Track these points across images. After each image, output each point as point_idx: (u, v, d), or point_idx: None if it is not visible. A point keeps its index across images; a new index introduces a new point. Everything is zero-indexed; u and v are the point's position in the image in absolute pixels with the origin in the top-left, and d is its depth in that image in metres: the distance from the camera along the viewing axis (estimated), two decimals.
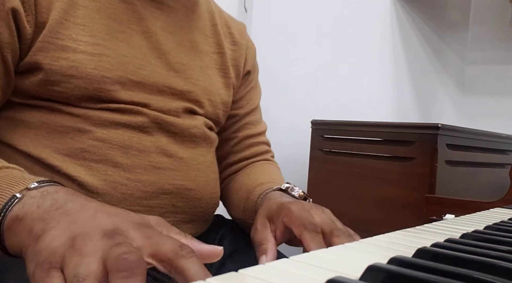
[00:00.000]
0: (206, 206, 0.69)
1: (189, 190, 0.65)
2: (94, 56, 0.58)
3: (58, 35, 0.56)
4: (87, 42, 0.58)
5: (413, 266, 0.30)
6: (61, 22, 0.57)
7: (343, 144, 1.42)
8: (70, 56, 0.56)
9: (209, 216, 0.72)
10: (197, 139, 0.68)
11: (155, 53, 0.64)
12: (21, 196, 0.41)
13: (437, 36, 2.00)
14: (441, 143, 1.21)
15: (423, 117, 1.94)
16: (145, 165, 0.60)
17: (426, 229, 0.52)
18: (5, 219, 0.40)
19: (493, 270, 0.30)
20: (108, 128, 0.59)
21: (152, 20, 0.64)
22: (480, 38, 2.01)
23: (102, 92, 0.58)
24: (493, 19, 1.96)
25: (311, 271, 0.31)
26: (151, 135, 0.62)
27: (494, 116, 1.91)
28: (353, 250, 0.38)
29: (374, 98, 1.71)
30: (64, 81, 0.56)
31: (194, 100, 0.68)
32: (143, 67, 0.62)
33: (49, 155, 0.57)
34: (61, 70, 0.56)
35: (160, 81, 0.63)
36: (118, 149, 0.59)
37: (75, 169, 0.57)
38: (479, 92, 2.02)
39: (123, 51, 0.60)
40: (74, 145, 0.58)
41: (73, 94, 0.57)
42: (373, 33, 1.72)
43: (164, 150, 0.63)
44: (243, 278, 0.29)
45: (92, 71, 0.57)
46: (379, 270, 0.29)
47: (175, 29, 0.68)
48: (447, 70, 2.05)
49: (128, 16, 0.62)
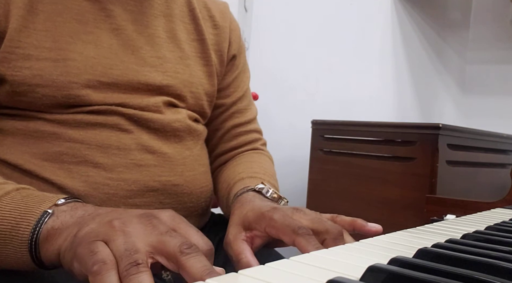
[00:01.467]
0: (197, 200, 0.67)
1: (176, 186, 0.63)
2: (59, 62, 0.55)
3: (19, 43, 0.54)
4: (50, 48, 0.55)
5: (414, 267, 0.30)
6: (21, 30, 0.54)
7: (343, 144, 1.42)
8: (33, 65, 0.54)
9: (202, 210, 0.71)
10: (180, 133, 0.65)
11: (127, 50, 0.61)
12: (52, 212, 0.42)
13: (438, 36, 2.00)
14: (442, 143, 1.21)
15: (424, 117, 1.94)
16: (126, 164, 0.59)
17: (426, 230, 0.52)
18: (40, 232, 0.41)
19: (494, 270, 0.30)
20: (84, 129, 0.57)
21: (122, 15, 0.61)
22: (481, 38, 2.01)
23: (71, 98, 0.56)
24: (494, 19, 1.96)
25: (311, 271, 0.31)
26: (130, 132, 0.60)
27: (495, 116, 1.91)
28: (353, 250, 0.38)
29: (375, 98, 1.71)
30: (30, 91, 0.54)
31: (174, 94, 0.65)
32: (114, 67, 0.59)
33: (26, 161, 0.56)
34: (25, 80, 0.54)
35: (135, 79, 0.61)
36: (97, 149, 0.57)
37: (54, 173, 0.56)
38: (480, 92, 2.02)
39: (90, 53, 0.58)
40: (51, 149, 0.56)
41: (42, 103, 0.56)
42: (373, 33, 1.72)
43: (146, 147, 0.61)
44: (243, 278, 0.28)
45: (57, 77, 0.55)
46: (380, 271, 0.29)
47: (149, 21, 0.64)
48: (448, 70, 2.05)
49: (94, 15, 0.59)
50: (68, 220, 0.40)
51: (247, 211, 0.53)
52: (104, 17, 0.60)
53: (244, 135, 0.79)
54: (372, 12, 1.72)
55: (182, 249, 0.35)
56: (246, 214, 0.53)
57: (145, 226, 0.37)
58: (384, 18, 1.73)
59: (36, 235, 0.41)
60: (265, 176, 0.68)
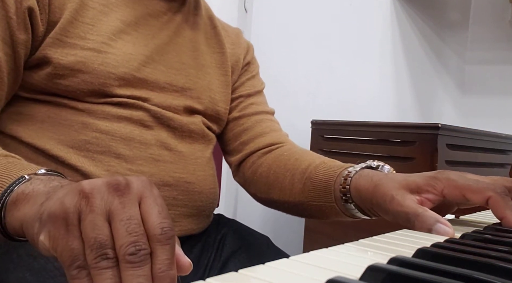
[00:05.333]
0: (206, 200, 0.70)
1: (188, 183, 0.67)
2: (101, 53, 0.61)
3: (67, 33, 0.60)
4: (94, 41, 0.61)
5: (413, 266, 0.30)
6: (71, 21, 0.60)
7: (343, 144, 1.42)
8: (78, 53, 0.59)
9: (209, 211, 0.73)
10: (195, 135, 0.70)
11: (158, 53, 0.67)
12: (29, 178, 0.42)
13: (437, 36, 2.00)
14: (441, 143, 1.21)
15: (423, 117, 1.94)
16: (146, 157, 0.63)
17: None
18: (10, 194, 0.40)
19: (493, 270, 0.30)
20: (110, 121, 0.62)
21: (157, 24, 0.68)
22: (480, 38, 2.01)
23: (106, 87, 0.61)
24: (493, 19, 1.97)
25: (311, 271, 0.31)
26: (151, 129, 0.65)
27: (494, 116, 1.91)
28: (353, 250, 0.38)
29: (374, 98, 1.72)
30: (71, 75, 0.59)
31: (195, 97, 0.71)
32: (147, 65, 0.65)
33: (53, 147, 0.59)
34: (69, 65, 0.59)
35: (162, 79, 0.67)
36: (120, 141, 0.61)
37: (79, 160, 0.59)
38: (479, 92, 2.02)
39: (128, 50, 0.63)
40: (78, 137, 0.60)
41: (79, 88, 0.60)
42: (373, 33, 1.73)
43: (164, 144, 0.65)
44: (243, 278, 0.29)
45: (98, 66, 0.60)
46: (379, 270, 0.29)
47: (179, 31, 0.71)
48: (447, 70, 2.05)
49: (136, 19, 0.66)
50: (40, 188, 0.39)
51: (408, 177, 0.54)
52: (142, 24, 0.67)
53: (267, 121, 0.82)
54: (372, 12, 1.72)
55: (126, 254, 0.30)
56: (410, 179, 0.54)
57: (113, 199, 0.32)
58: (383, 18, 1.73)
59: (6, 197, 0.40)
60: None
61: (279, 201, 0.72)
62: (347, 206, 0.62)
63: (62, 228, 0.32)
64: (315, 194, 0.66)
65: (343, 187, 0.61)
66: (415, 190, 0.53)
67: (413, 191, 0.53)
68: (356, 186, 0.60)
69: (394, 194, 0.53)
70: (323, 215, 0.67)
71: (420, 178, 0.53)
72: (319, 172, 0.66)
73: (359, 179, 0.60)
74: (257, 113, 0.81)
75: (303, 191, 0.68)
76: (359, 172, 0.61)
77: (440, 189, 0.51)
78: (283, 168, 0.72)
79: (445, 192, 0.51)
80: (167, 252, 0.31)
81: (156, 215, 0.33)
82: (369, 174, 0.59)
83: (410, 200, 0.52)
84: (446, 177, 0.52)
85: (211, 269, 0.71)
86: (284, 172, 0.72)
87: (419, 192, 0.53)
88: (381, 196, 0.55)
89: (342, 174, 0.63)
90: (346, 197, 0.61)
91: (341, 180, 0.62)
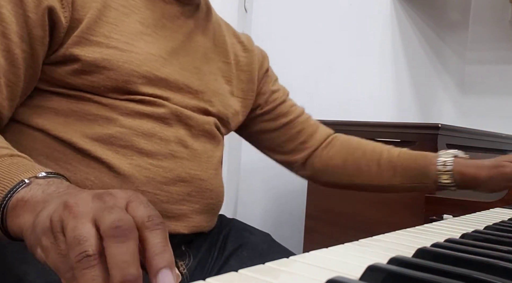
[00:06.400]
0: (216, 198, 0.73)
1: (202, 180, 0.69)
2: (125, 52, 0.63)
3: (92, 32, 0.62)
4: (118, 40, 0.64)
5: (413, 266, 0.30)
6: (96, 21, 0.62)
7: None
8: (103, 51, 0.62)
9: (217, 209, 0.75)
10: (208, 134, 0.73)
11: (175, 56, 0.70)
12: (29, 182, 0.42)
13: (437, 36, 2.00)
14: (441, 143, 1.21)
15: (423, 117, 1.94)
16: (165, 153, 0.66)
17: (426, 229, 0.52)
18: (10, 199, 0.41)
19: (493, 270, 0.30)
20: (133, 117, 0.64)
21: (174, 27, 0.71)
22: (480, 38, 2.01)
23: (129, 84, 0.63)
24: (493, 19, 1.97)
25: (311, 271, 0.31)
26: (171, 126, 0.67)
27: (494, 116, 1.91)
28: (353, 250, 0.38)
29: (374, 98, 1.72)
30: (97, 71, 0.62)
31: (207, 100, 0.73)
32: (166, 66, 0.68)
33: (79, 139, 0.61)
34: (95, 62, 0.61)
35: (180, 80, 0.69)
36: (142, 137, 0.64)
37: (104, 153, 0.62)
38: (479, 92, 2.02)
39: (150, 50, 0.66)
40: (102, 131, 0.62)
41: (103, 84, 0.62)
42: (373, 33, 1.73)
43: (182, 141, 0.68)
44: (243, 278, 0.29)
45: (123, 64, 0.63)
46: (379, 270, 0.29)
47: (191, 35, 0.74)
48: (447, 70, 2.05)
49: (154, 21, 0.69)
50: (37, 195, 0.40)
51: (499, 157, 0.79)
52: (161, 26, 0.69)
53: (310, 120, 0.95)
54: (372, 12, 1.72)
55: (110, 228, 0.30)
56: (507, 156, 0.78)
57: (96, 204, 0.33)
58: (383, 18, 1.73)
59: (6, 201, 0.41)
60: None
61: (365, 185, 0.88)
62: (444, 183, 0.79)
63: (50, 238, 0.33)
64: (410, 179, 0.83)
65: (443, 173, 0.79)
66: None
67: None
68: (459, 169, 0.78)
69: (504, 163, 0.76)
70: (409, 190, 0.85)
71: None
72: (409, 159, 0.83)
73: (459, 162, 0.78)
74: (300, 114, 0.92)
75: (394, 175, 0.84)
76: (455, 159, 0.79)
77: None
78: (362, 158, 0.87)
79: None
80: (159, 236, 0.31)
81: (143, 209, 0.33)
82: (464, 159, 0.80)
83: None
84: None
85: (214, 268, 0.72)
86: (366, 162, 0.87)
87: None
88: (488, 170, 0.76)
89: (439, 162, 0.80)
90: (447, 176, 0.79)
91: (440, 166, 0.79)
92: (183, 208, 0.67)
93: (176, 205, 0.66)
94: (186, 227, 0.67)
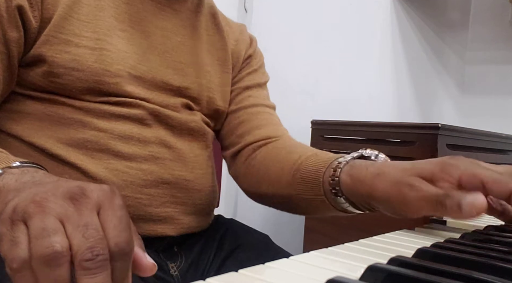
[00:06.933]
0: (205, 198, 0.70)
1: (188, 181, 0.67)
2: (95, 50, 0.60)
3: (62, 29, 0.59)
4: (89, 38, 0.60)
5: (413, 266, 0.30)
6: (66, 18, 0.60)
7: (343, 144, 1.42)
8: (72, 50, 0.59)
9: (209, 209, 0.73)
10: (194, 133, 0.70)
11: (154, 52, 0.66)
12: (2, 172, 0.41)
13: (437, 36, 2.00)
14: (441, 143, 1.21)
15: (423, 117, 1.94)
16: (145, 155, 0.63)
17: (426, 229, 0.52)
18: None
19: (493, 270, 0.30)
20: (109, 120, 0.62)
21: (154, 21, 0.67)
22: (480, 38, 2.01)
23: (102, 84, 0.61)
24: (493, 19, 1.96)
25: (311, 271, 0.31)
26: (150, 126, 0.64)
27: (494, 116, 1.91)
28: (353, 250, 0.38)
29: (374, 98, 1.71)
30: (66, 73, 0.59)
31: (191, 96, 0.70)
32: (142, 63, 0.64)
33: (53, 145, 0.59)
34: (63, 63, 0.59)
35: (158, 78, 0.66)
36: (119, 139, 0.62)
37: (78, 158, 0.59)
38: (479, 92, 2.02)
39: (123, 47, 0.63)
40: (76, 136, 0.60)
41: (74, 87, 0.60)
42: (373, 33, 1.72)
43: (163, 141, 0.65)
44: (243, 278, 0.29)
45: (92, 64, 0.60)
46: (379, 270, 0.29)
47: (178, 30, 0.70)
48: (447, 70, 2.05)
49: (130, 16, 0.65)
50: (10, 184, 0.39)
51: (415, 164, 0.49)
52: (138, 20, 0.66)
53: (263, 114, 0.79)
54: (372, 12, 1.72)
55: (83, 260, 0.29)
56: (420, 166, 0.48)
57: (68, 206, 0.32)
58: (383, 18, 1.73)
59: None
60: None
61: (267, 194, 0.69)
62: (337, 200, 0.57)
63: (7, 225, 0.31)
64: (304, 187, 0.61)
65: (332, 179, 0.56)
66: (428, 178, 0.47)
67: (426, 179, 0.47)
68: (348, 179, 0.54)
69: (412, 181, 0.47)
70: (313, 210, 0.63)
71: (432, 165, 0.48)
72: (309, 164, 0.62)
73: (351, 170, 0.55)
74: (254, 105, 0.77)
75: (292, 183, 0.63)
76: (350, 163, 0.56)
77: (457, 176, 0.46)
78: (274, 160, 0.69)
79: (463, 180, 0.45)
80: (120, 269, 0.31)
81: (112, 229, 0.31)
82: (363, 165, 0.54)
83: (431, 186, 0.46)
84: (463, 164, 0.46)
85: (210, 268, 0.71)
86: (274, 164, 0.68)
87: (434, 181, 0.47)
88: (389, 186, 0.49)
89: (332, 165, 0.58)
90: (336, 190, 0.56)
91: (330, 172, 0.57)
92: (168, 211, 0.64)
93: (160, 208, 0.63)
94: (174, 229, 0.65)
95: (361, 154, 0.58)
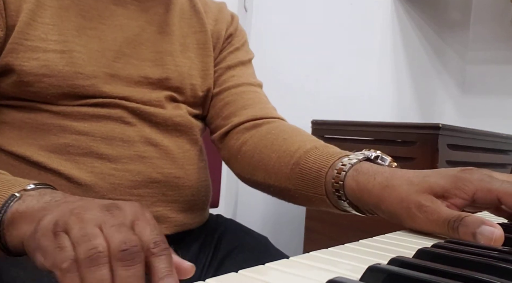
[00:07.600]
0: (198, 194, 0.69)
1: (178, 178, 0.65)
2: (65, 54, 0.58)
3: (27, 36, 0.57)
4: (56, 41, 0.58)
5: (414, 267, 0.30)
6: (30, 23, 0.57)
7: (343, 144, 1.41)
8: (40, 56, 0.57)
9: (203, 204, 0.71)
10: (182, 127, 0.67)
11: (129, 45, 0.64)
12: (20, 196, 0.41)
13: (438, 36, 2.00)
14: (442, 143, 1.21)
15: (424, 117, 1.94)
16: (131, 155, 0.61)
17: None
18: (5, 214, 0.40)
19: (493, 270, 0.30)
20: (89, 122, 0.59)
21: (125, 13, 0.64)
22: (481, 38, 2.01)
23: (77, 88, 0.58)
24: (494, 18, 1.96)
25: (311, 271, 0.31)
26: (133, 125, 0.62)
27: (495, 116, 1.90)
28: (353, 250, 0.38)
29: (374, 98, 1.71)
30: (37, 80, 0.57)
31: (174, 86, 0.67)
32: (117, 60, 0.62)
33: (34, 153, 0.58)
34: (32, 70, 0.56)
35: (135, 73, 0.63)
36: (101, 141, 0.60)
37: (61, 164, 0.58)
38: (479, 92, 2.02)
39: (94, 47, 0.60)
40: (57, 141, 0.58)
41: (48, 93, 0.58)
42: (373, 32, 1.72)
43: (148, 139, 0.63)
44: (243, 278, 0.29)
45: (63, 68, 0.57)
46: (380, 271, 0.29)
47: (152, 19, 0.67)
48: (448, 70, 2.05)
49: (99, 12, 0.62)
50: (34, 205, 0.39)
51: (426, 178, 0.46)
52: (108, 15, 0.62)
53: (250, 93, 0.75)
54: (372, 12, 1.72)
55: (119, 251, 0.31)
56: (432, 180, 0.45)
57: (104, 215, 0.34)
58: (383, 18, 1.73)
59: (1, 217, 0.40)
60: None
61: (264, 184, 0.65)
62: (340, 202, 0.55)
63: (50, 237, 0.33)
64: (304, 184, 0.59)
65: (335, 182, 0.54)
66: (440, 194, 0.44)
67: (438, 196, 0.44)
68: (354, 185, 0.52)
69: (422, 201, 0.44)
70: (312, 205, 0.60)
71: (444, 180, 0.45)
72: (309, 159, 0.58)
73: (358, 176, 0.51)
74: (238, 85, 0.73)
75: (290, 177, 0.60)
76: (356, 167, 0.53)
77: (472, 193, 0.43)
78: (269, 148, 0.65)
79: (477, 196, 0.43)
80: (164, 261, 0.31)
81: (149, 232, 0.33)
82: (370, 171, 0.51)
83: (443, 205, 0.44)
84: (478, 178, 0.43)
85: (209, 268, 0.70)
86: (270, 152, 0.64)
87: (446, 197, 0.44)
88: (396, 202, 0.47)
89: (335, 165, 0.55)
90: (339, 194, 0.54)
91: (334, 174, 0.54)
92: (159, 210, 0.63)
93: (151, 207, 0.62)
94: (168, 227, 0.64)
95: (366, 157, 0.55)
